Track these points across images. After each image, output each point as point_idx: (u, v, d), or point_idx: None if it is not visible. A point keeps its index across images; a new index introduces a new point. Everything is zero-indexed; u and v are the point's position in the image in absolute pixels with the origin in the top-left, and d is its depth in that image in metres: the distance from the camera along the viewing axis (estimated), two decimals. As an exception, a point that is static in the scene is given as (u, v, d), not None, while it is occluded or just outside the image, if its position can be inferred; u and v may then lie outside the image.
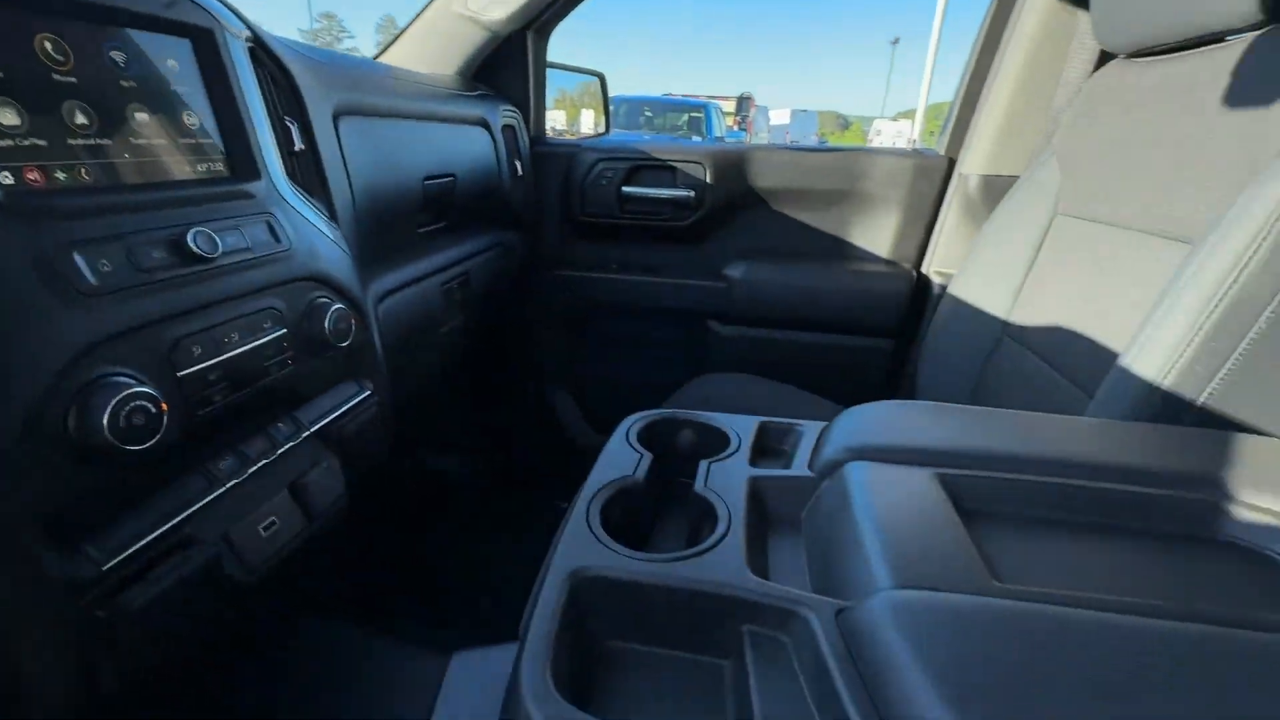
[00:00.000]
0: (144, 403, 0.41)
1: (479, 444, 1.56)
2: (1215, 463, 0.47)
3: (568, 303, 1.38)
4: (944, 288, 1.19)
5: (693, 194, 1.27)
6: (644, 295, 1.34)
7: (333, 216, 0.67)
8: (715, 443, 0.58)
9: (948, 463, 0.48)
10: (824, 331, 1.29)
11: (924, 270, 1.24)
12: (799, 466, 0.53)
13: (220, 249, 0.47)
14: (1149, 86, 0.78)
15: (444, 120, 0.98)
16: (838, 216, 1.28)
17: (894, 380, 1.30)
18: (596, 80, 1.68)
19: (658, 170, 1.29)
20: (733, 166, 1.26)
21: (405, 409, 0.85)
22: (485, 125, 1.11)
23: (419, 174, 0.87)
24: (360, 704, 0.75)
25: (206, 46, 0.52)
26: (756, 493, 0.50)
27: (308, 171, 0.65)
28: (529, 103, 1.29)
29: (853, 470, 0.47)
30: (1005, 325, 0.94)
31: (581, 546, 0.42)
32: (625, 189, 1.29)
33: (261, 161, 0.55)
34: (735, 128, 11.47)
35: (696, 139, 7.70)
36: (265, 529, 0.50)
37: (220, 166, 0.53)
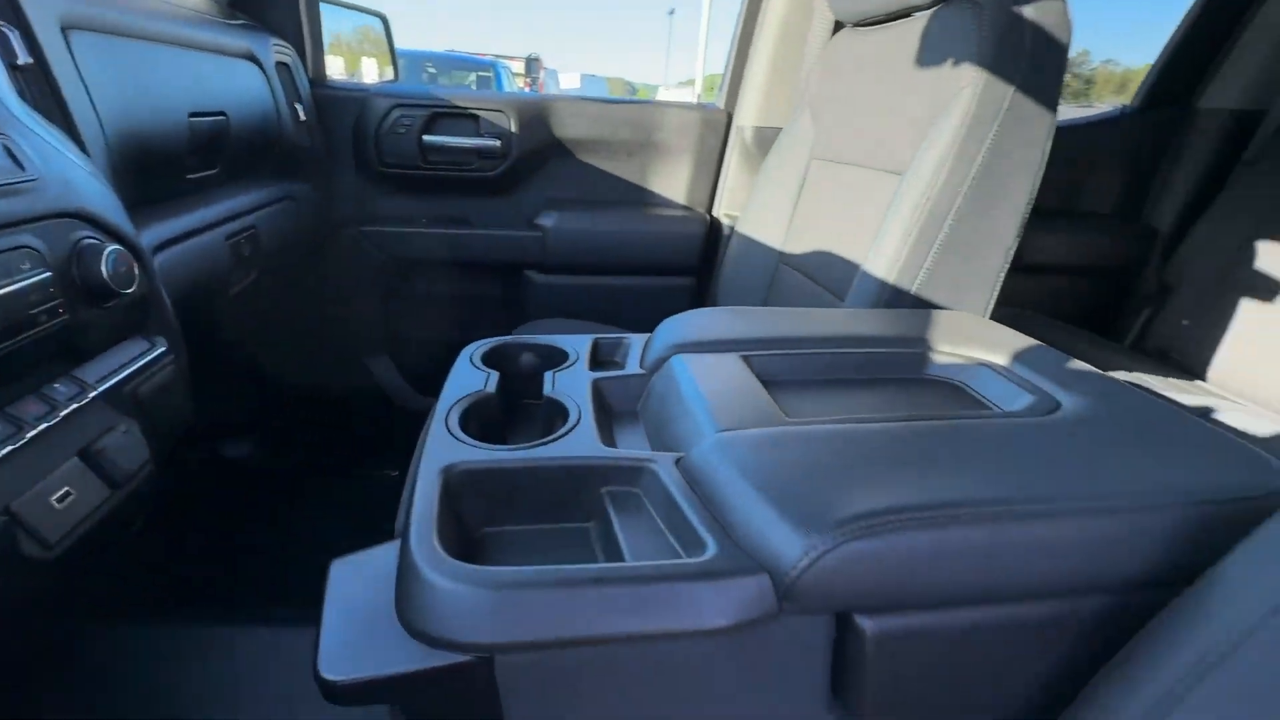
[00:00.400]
0: None
1: (287, 421, 1.42)
2: (924, 330, 0.64)
3: (376, 261, 1.30)
4: (733, 228, 1.36)
5: (499, 143, 1.27)
6: (458, 249, 1.32)
7: (83, 149, 0.57)
8: (555, 359, 0.63)
9: (748, 348, 0.58)
10: (634, 275, 1.40)
11: (715, 213, 1.40)
12: (631, 368, 0.60)
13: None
14: (867, 51, 0.97)
15: (204, 49, 0.86)
16: (638, 165, 1.38)
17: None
18: (379, 23, 1.56)
19: (459, 118, 1.26)
20: (537, 116, 1.28)
21: (197, 384, 0.76)
22: (255, 60, 0.99)
23: (182, 109, 0.76)
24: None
25: None
26: (599, 391, 0.56)
27: (42, 93, 0.54)
28: (304, 40, 1.17)
29: (675, 361, 0.56)
30: (781, 255, 1.11)
31: (447, 448, 0.44)
32: (426, 138, 1.25)
33: (-23, 75, 0.45)
34: (526, 88, 11.21)
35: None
36: (59, 500, 0.44)
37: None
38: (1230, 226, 1.38)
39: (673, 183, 1.39)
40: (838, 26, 1.15)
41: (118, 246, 0.50)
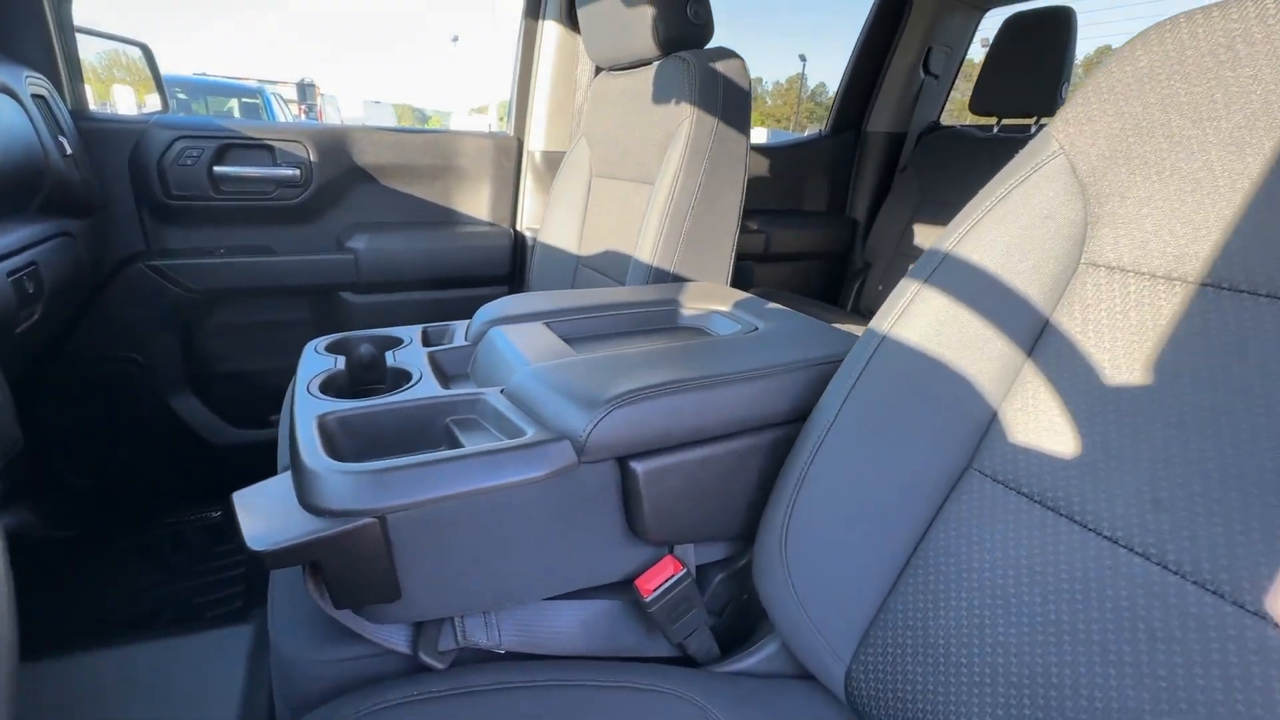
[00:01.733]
0: None
1: (79, 476, 1.29)
2: (678, 295, 0.88)
3: (171, 295, 1.26)
4: (534, 239, 1.55)
5: (298, 172, 1.32)
6: (262, 276, 1.33)
7: None
8: (392, 344, 0.76)
9: (550, 318, 0.77)
10: (449, 288, 1.52)
11: (518, 227, 1.58)
12: (458, 341, 0.76)
13: None
14: (622, 89, 1.23)
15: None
16: (442, 189, 1.50)
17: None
18: (136, 50, 1.49)
19: (253, 149, 1.29)
20: (336, 145, 1.35)
21: None
22: (10, 93, 0.95)
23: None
24: None
25: None
26: (435, 361, 0.71)
27: None
28: (59, 71, 1.12)
29: (494, 332, 0.72)
30: (579, 258, 1.32)
31: (315, 406, 0.56)
32: (218, 169, 1.25)
33: None
34: (303, 116, 10.39)
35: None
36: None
37: None
38: (896, 216, 1.90)
39: (477, 202, 1.54)
40: (599, 69, 1.40)
41: None
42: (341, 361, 0.68)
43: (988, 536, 0.47)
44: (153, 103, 1.62)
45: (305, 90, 11.40)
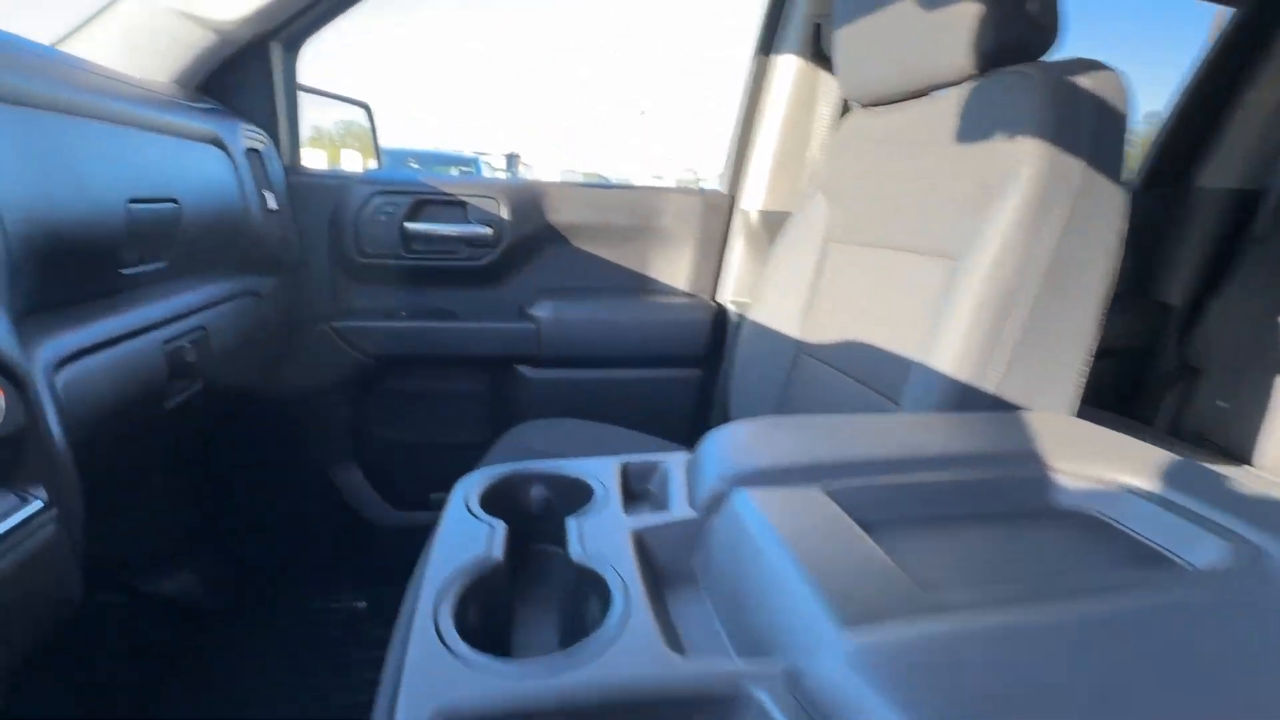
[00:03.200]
0: None
1: (231, 546, 1.22)
2: (1029, 441, 0.52)
3: (348, 359, 1.16)
4: (741, 315, 1.26)
5: (489, 230, 1.18)
6: (441, 343, 1.19)
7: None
8: (575, 495, 0.49)
9: (826, 476, 0.45)
10: (635, 367, 1.28)
11: (720, 299, 1.31)
12: (678, 507, 0.46)
13: None
14: (887, 129, 0.92)
15: (157, 130, 0.75)
16: (637, 251, 1.29)
17: (705, 407, 1.34)
18: (363, 115, 1.51)
19: (446, 205, 1.17)
20: (530, 202, 1.20)
21: (110, 518, 0.60)
22: (220, 145, 0.89)
23: (120, 193, 0.64)
24: None
25: None
26: (642, 546, 0.42)
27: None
28: (278, 126, 1.09)
29: (740, 501, 0.42)
30: (799, 344, 1.00)
31: (438, 671, 0.29)
32: (409, 225, 1.15)
33: None
34: (506, 182, 11.58)
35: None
36: None
37: None
38: (1250, 304, 1.32)
39: (675, 269, 1.30)
40: (846, 106, 1.11)
41: None
42: (500, 536, 0.42)
43: None
44: (372, 165, 1.65)
45: (511, 161, 12.76)
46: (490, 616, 0.38)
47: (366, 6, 1.07)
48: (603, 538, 0.42)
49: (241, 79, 1.02)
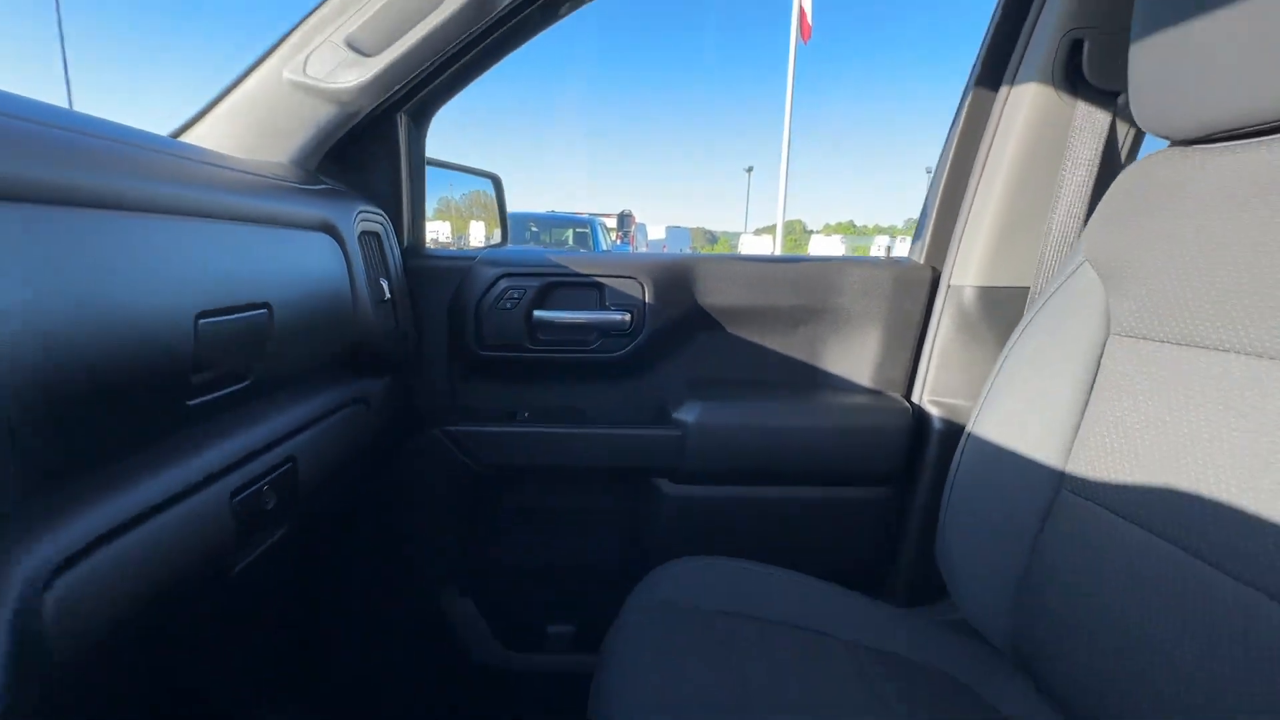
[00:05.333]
0: None
1: (322, 697, 1.04)
2: None
3: (461, 470, 0.98)
4: (945, 420, 0.95)
5: (628, 317, 0.97)
6: (567, 451, 0.98)
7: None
8: None
9: None
10: (806, 484, 1.00)
11: (916, 400, 1.01)
12: None
13: None
14: (1219, 180, 0.60)
15: (258, 221, 0.61)
16: (806, 339, 1.03)
17: (895, 537, 1.02)
18: (490, 185, 1.40)
19: (580, 288, 0.99)
20: (677, 281, 0.98)
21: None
22: (332, 231, 0.75)
23: (183, 308, 0.49)
24: None
25: None
26: None
27: None
28: (401, 204, 0.96)
29: None
30: (1063, 476, 0.68)
31: None
32: (537, 313, 0.97)
33: None
34: (619, 242, 11.86)
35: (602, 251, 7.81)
36: None
37: None
38: None
39: (857, 361, 1.02)
40: (1133, 150, 0.81)
41: None
42: None
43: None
44: (496, 236, 1.54)
45: (624, 219, 13.10)
46: None
47: (488, 75, 0.94)
48: None
49: (365, 154, 0.91)
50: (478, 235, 1.97)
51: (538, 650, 1.05)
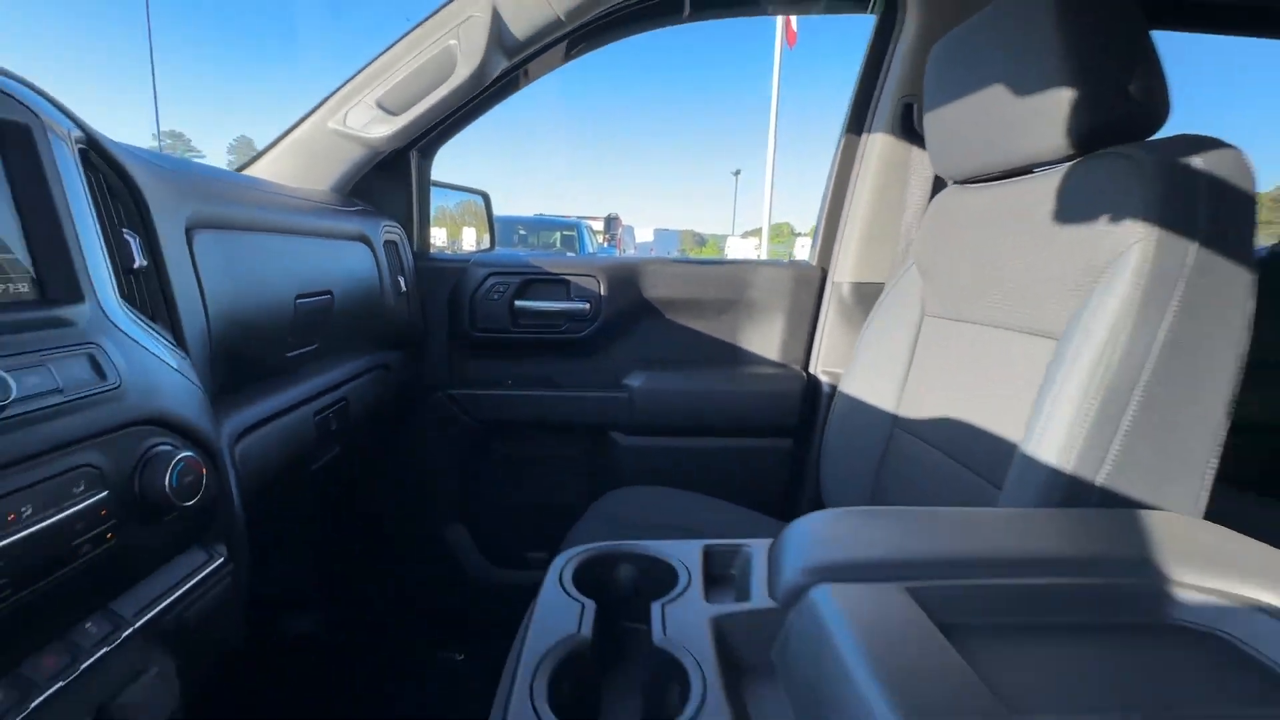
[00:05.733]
0: None
1: (352, 594, 1.33)
2: (1138, 544, 0.48)
3: (460, 425, 1.27)
4: (833, 386, 1.25)
5: (588, 306, 1.26)
6: (542, 410, 1.27)
7: (180, 344, 0.56)
8: (660, 576, 0.51)
9: (910, 574, 0.45)
10: (726, 436, 1.29)
11: (812, 370, 1.31)
12: (758, 596, 0.48)
13: (13, 393, 0.36)
14: (984, 206, 0.91)
15: (319, 235, 0.90)
16: (728, 324, 1.33)
17: (797, 478, 1.32)
18: (479, 198, 1.69)
19: (551, 284, 1.28)
20: (626, 279, 1.28)
21: (264, 567, 0.70)
22: (366, 241, 1.04)
23: (290, 292, 0.77)
24: None
25: (19, 145, 0.43)
26: (722, 636, 0.44)
27: (152, 292, 0.54)
28: (412, 219, 1.25)
29: (820, 597, 0.43)
30: (895, 419, 0.98)
31: None
32: (518, 303, 1.26)
33: (87, 281, 0.44)
34: (606, 244, 12.16)
35: (570, 254, 8.13)
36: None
37: (24, 288, 0.42)
38: None
39: (766, 340, 1.32)
40: (938, 183, 1.11)
41: (188, 454, 0.45)
42: (589, 614, 0.45)
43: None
44: (486, 242, 1.82)
45: (610, 222, 13.43)
46: (580, 692, 0.41)
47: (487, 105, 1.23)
48: (685, 623, 0.44)
49: (384, 182, 1.20)
50: (469, 240, 2.25)
51: (519, 568, 1.34)
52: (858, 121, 1.22)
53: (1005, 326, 0.79)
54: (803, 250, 1.60)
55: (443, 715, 1.13)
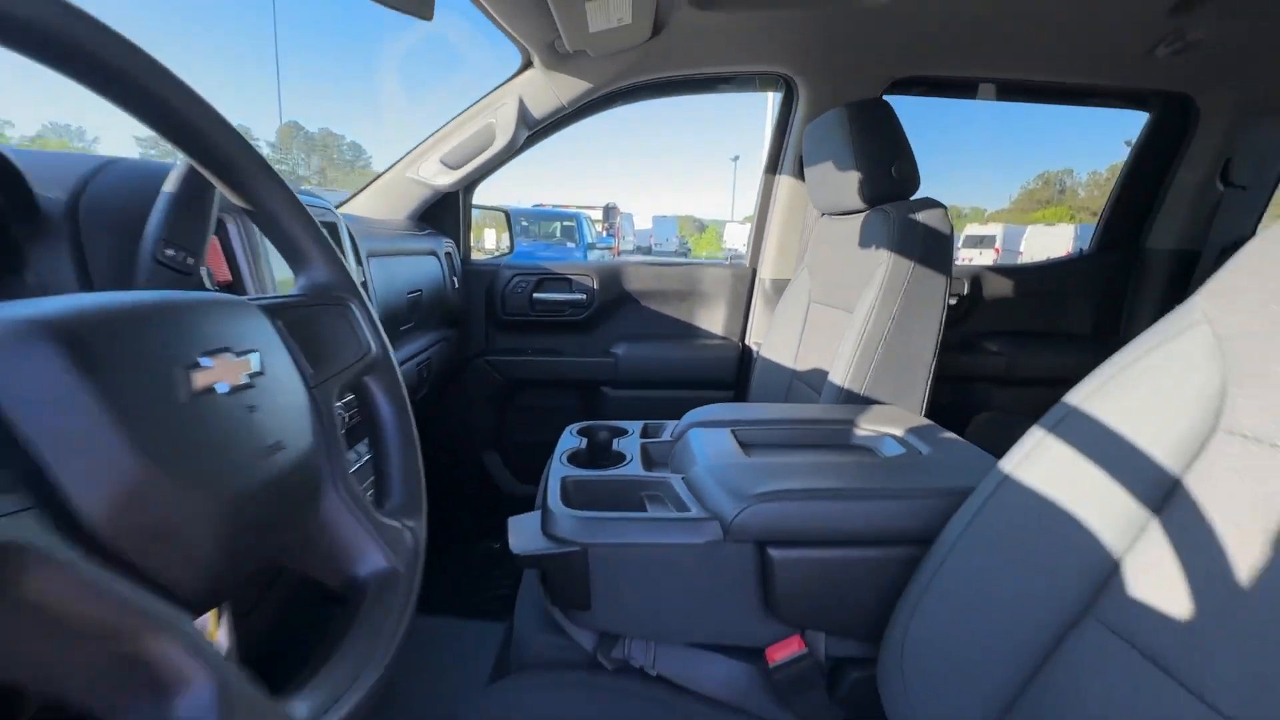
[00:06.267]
0: None
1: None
2: (859, 416, 1.00)
3: (495, 382, 1.78)
4: (758, 353, 1.76)
5: (585, 296, 1.78)
6: (552, 371, 1.79)
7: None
8: (620, 433, 1.03)
9: (737, 426, 0.97)
10: (684, 389, 1.81)
11: (746, 342, 1.82)
12: (666, 437, 1.00)
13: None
14: (838, 231, 1.41)
15: (415, 254, 1.41)
16: (687, 308, 1.84)
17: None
18: (501, 213, 2.20)
19: (559, 280, 1.79)
20: (613, 276, 1.79)
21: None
22: (435, 254, 1.55)
23: (404, 290, 1.29)
24: None
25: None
26: (645, 450, 0.95)
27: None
28: (459, 237, 1.76)
29: (691, 432, 0.95)
30: (794, 372, 1.49)
31: (563, 469, 0.84)
32: (535, 295, 1.77)
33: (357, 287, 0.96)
34: (604, 233, 12.61)
35: (574, 251, 8.70)
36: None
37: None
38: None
39: (713, 320, 1.83)
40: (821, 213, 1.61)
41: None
42: (585, 442, 0.97)
43: (1098, 685, 0.48)
44: (505, 242, 2.33)
45: (609, 212, 13.86)
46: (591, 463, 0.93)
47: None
48: (629, 446, 0.96)
49: (443, 212, 1.70)
50: (490, 240, 2.76)
51: (535, 483, 1.86)
52: (773, 165, 1.72)
53: (839, 307, 1.31)
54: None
55: (484, 584, 1.66)
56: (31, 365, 0.26)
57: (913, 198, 1.20)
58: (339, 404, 0.49)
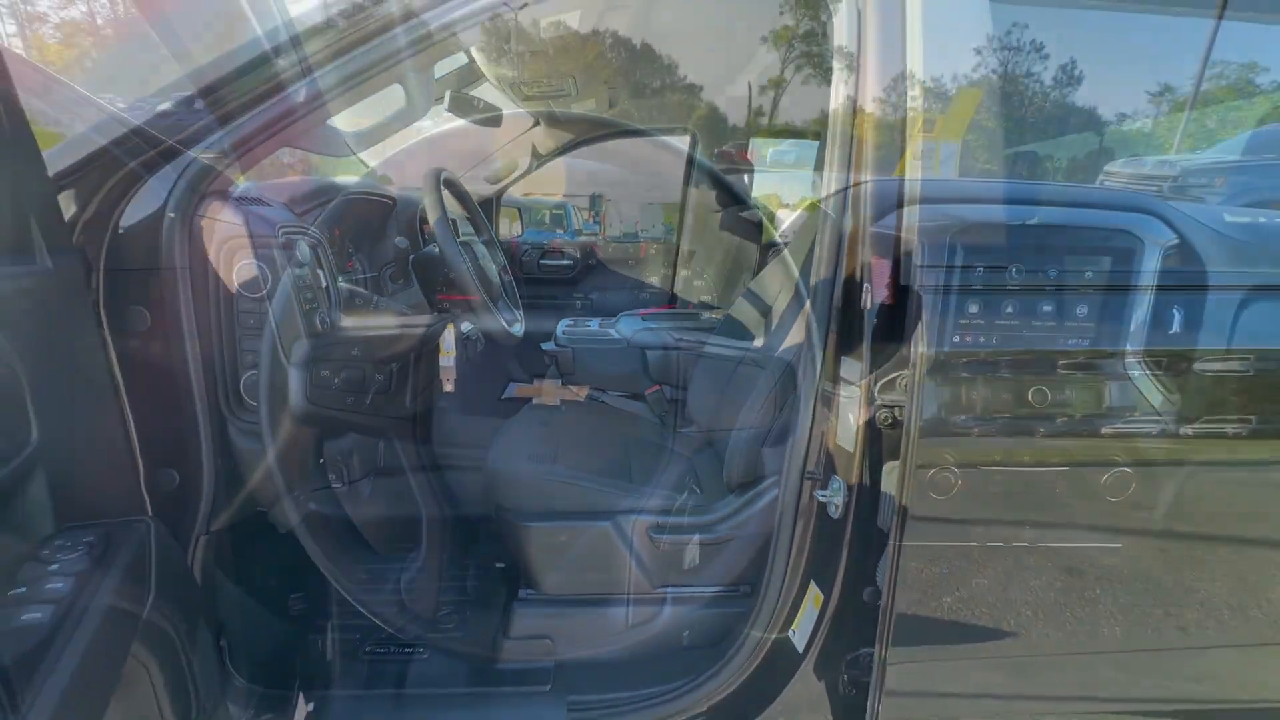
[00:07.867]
0: None
1: None
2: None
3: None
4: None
5: (571, 262, 2.82)
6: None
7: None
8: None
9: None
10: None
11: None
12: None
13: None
14: None
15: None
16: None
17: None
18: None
19: (551, 251, 2.83)
20: (588, 251, 2.83)
21: None
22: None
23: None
24: None
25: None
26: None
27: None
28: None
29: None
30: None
31: None
32: (541, 261, 2.82)
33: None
34: (590, 220, 13.41)
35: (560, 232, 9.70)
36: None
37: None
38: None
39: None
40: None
41: None
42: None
43: None
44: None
45: (595, 200, 14.66)
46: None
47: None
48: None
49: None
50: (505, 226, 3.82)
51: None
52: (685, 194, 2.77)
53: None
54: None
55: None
56: None
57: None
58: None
